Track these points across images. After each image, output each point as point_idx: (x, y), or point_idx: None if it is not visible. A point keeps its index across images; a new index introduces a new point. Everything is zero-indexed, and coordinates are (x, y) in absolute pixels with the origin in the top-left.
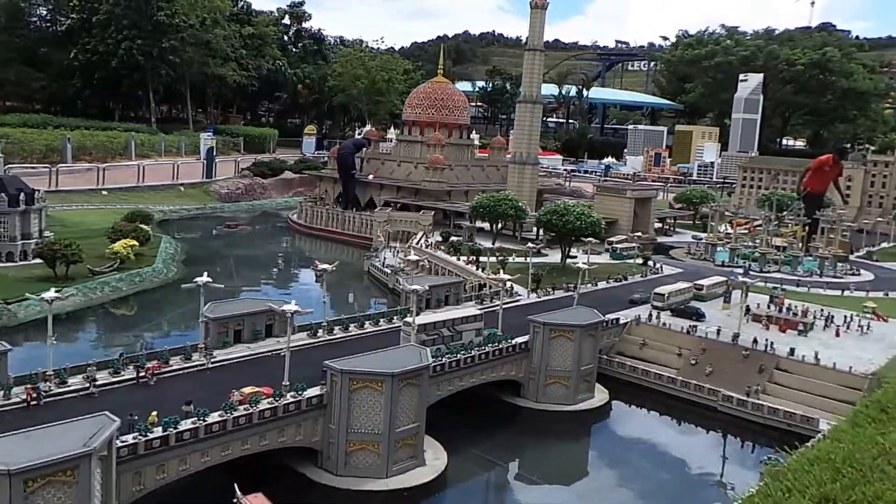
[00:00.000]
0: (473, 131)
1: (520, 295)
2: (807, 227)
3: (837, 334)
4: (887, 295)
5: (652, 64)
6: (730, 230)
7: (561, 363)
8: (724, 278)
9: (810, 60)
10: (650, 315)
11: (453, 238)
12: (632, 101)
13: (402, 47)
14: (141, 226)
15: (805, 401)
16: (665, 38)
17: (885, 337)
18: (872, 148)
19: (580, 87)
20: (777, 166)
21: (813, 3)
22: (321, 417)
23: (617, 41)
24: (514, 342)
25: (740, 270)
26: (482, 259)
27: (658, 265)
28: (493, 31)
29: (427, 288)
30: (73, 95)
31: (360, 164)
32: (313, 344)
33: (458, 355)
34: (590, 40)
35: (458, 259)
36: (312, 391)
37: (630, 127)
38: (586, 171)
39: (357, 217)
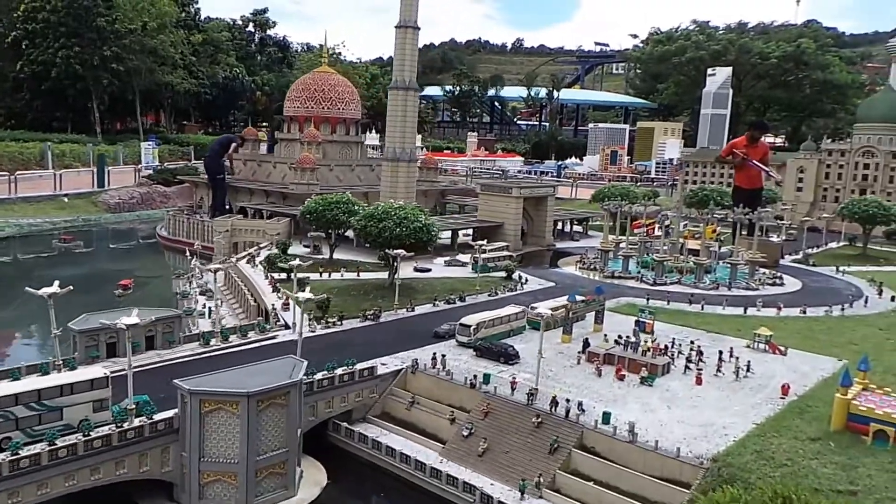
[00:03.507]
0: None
1: (286, 330)
2: (717, 228)
3: (699, 381)
4: (804, 313)
5: (631, 65)
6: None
7: (224, 451)
8: (583, 298)
9: (784, 53)
10: (434, 358)
11: (303, 250)
12: (605, 101)
13: (391, 56)
14: None
15: None
16: (635, 36)
17: (767, 383)
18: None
19: (550, 88)
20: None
21: (798, 2)
22: None
23: (597, 43)
24: (153, 420)
25: (636, 283)
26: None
27: (524, 279)
28: (480, 38)
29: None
30: (24, 108)
31: (240, 166)
32: None
33: None
34: (575, 45)
35: (267, 277)
36: None
37: (591, 126)
38: (542, 172)
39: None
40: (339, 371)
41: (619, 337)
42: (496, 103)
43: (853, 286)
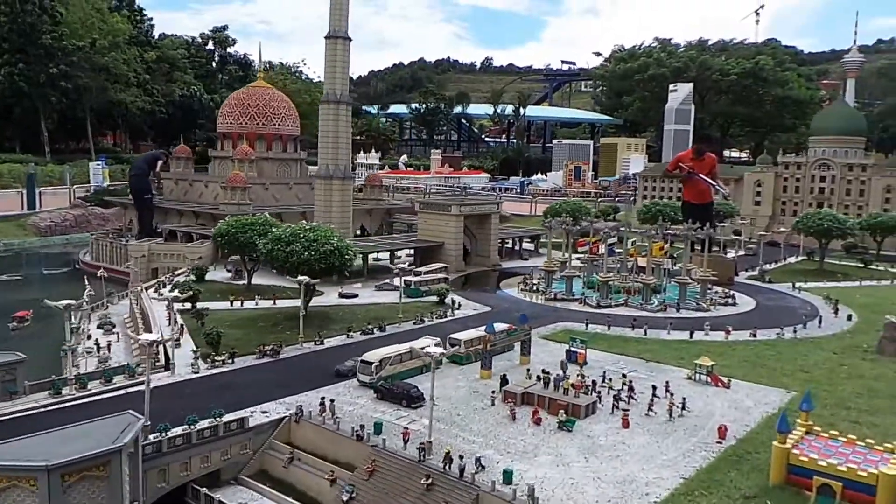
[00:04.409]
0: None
1: (164, 372)
2: (665, 245)
3: (625, 424)
4: (754, 336)
5: (598, 82)
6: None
7: None
8: (505, 327)
9: (743, 70)
10: (322, 404)
11: (225, 275)
12: (572, 118)
13: (360, 76)
14: None
15: None
16: (598, 54)
17: (704, 424)
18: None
19: (517, 105)
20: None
21: (758, 21)
22: None
23: (563, 62)
24: None
25: (579, 306)
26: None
27: (457, 304)
28: (449, 57)
29: None
30: None
31: (171, 186)
32: None
33: None
34: (543, 64)
35: (170, 307)
36: None
37: (554, 142)
38: (506, 189)
39: None
40: (201, 425)
41: (543, 372)
42: (463, 121)
43: (809, 304)
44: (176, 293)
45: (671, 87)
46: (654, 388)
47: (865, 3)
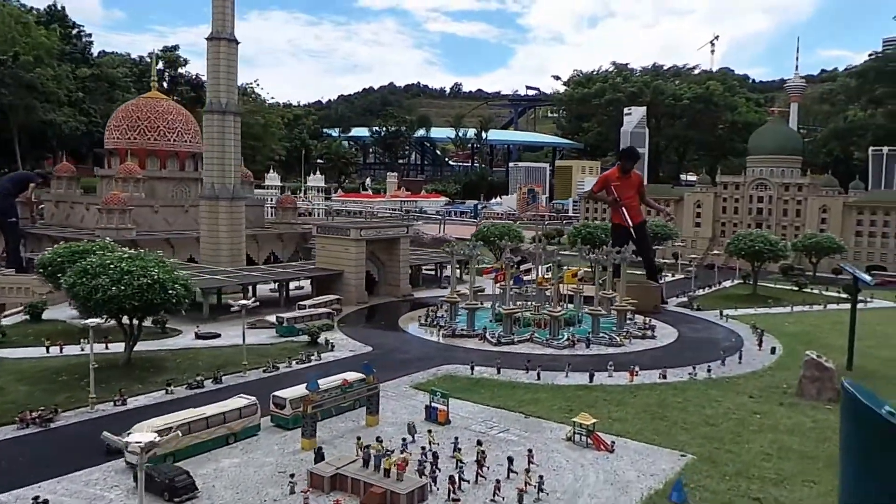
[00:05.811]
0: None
1: None
2: (580, 272)
3: None
4: (664, 377)
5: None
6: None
7: None
8: (338, 380)
9: (695, 94)
10: None
11: (73, 313)
12: (533, 141)
13: (330, 100)
14: None
15: None
16: (557, 78)
17: None
18: None
19: (479, 129)
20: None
21: (713, 51)
22: None
23: (528, 87)
24: None
25: (479, 343)
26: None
27: (331, 345)
28: (419, 82)
29: None
30: None
31: (52, 209)
32: None
33: None
34: (511, 89)
35: None
36: None
37: (511, 165)
38: (461, 212)
39: None
40: None
41: (377, 440)
42: (427, 144)
43: (735, 335)
44: None
45: (625, 110)
46: (510, 459)
47: (811, 36)
